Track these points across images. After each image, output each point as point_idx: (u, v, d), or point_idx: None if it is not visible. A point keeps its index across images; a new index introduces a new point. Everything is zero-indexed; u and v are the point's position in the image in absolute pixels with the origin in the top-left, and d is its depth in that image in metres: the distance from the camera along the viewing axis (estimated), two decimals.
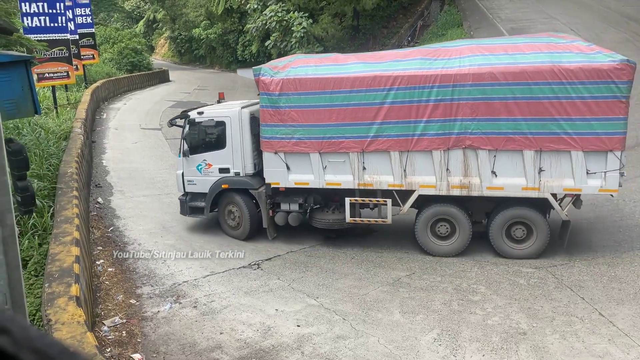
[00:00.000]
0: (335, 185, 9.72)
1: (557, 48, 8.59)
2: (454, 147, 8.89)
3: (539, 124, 8.48)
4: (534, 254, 9.05)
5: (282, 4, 35.73)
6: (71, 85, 23.22)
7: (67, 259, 6.39)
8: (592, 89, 8.19)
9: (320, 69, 9.64)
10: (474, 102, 8.67)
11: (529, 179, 8.67)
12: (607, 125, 8.25)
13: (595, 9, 31.77)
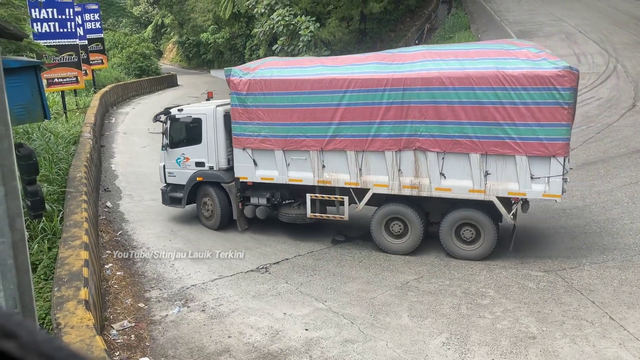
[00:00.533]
0: (297, 181, 10.18)
1: (505, 54, 8.77)
2: (405, 148, 9.19)
3: (484, 128, 8.66)
4: (481, 255, 9.19)
5: (289, 8, 35.84)
6: (80, 90, 23.39)
7: (76, 263, 6.42)
8: (534, 95, 8.29)
9: (284, 71, 10.15)
10: (422, 105, 8.95)
11: (475, 181, 8.85)
12: (549, 131, 8.34)
13: (604, 11, 31.58)
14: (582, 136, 15.80)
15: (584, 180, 12.75)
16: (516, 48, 8.98)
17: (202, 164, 11.12)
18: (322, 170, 9.90)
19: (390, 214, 9.70)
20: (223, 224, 11.08)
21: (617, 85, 20.05)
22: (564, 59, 9.05)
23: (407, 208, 9.54)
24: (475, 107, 8.63)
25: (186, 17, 57.85)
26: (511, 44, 9.59)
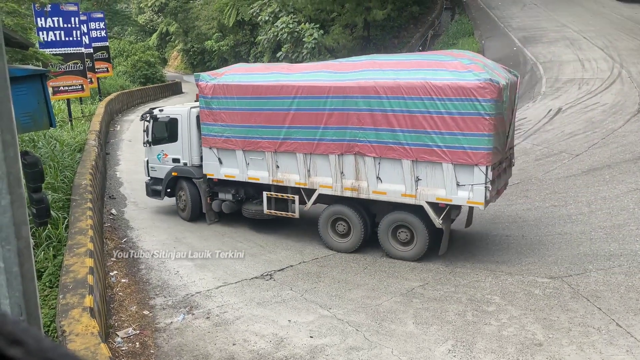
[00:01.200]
0: (255, 179, 10.93)
1: (437, 65, 9.11)
2: (347, 152, 9.73)
3: (414, 136, 9.05)
4: (414, 257, 9.60)
5: (293, 16, 36.01)
6: (85, 98, 23.54)
7: (81, 270, 6.43)
8: (458, 105, 8.58)
9: (244, 77, 10.92)
10: (360, 112, 9.45)
11: (407, 186, 9.28)
12: (472, 141, 8.59)
13: (608, 17, 31.55)
14: (587, 142, 15.76)
15: (589, 186, 12.70)
16: (450, 59, 9.24)
17: (177, 160, 12.15)
18: (276, 170, 10.57)
19: (335, 214, 10.26)
20: (194, 216, 12.01)
21: (622, 90, 20.00)
22: (568, 64, 9.08)
23: (350, 209, 10.05)
24: (406, 115, 9.05)
25: (191, 25, 58.19)
26: (449, 54, 9.91)
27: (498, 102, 8.48)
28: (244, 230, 11.39)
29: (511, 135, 9.95)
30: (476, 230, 10.82)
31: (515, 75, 10.24)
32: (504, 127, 9.03)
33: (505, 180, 10.18)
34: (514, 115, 9.91)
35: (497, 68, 9.57)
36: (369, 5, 32.04)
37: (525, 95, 22.02)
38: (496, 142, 8.71)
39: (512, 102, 9.70)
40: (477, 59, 9.41)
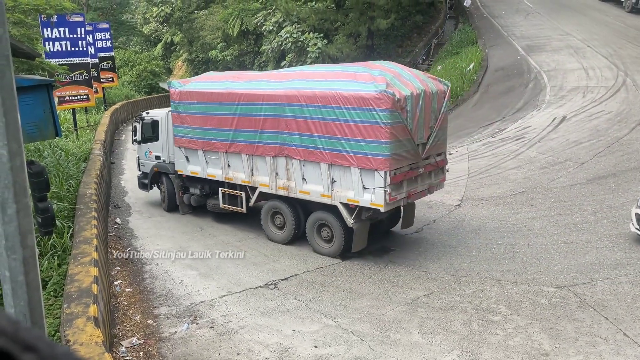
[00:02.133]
0: (212, 177, 12.10)
1: (350, 76, 9.85)
2: (279, 155, 10.63)
3: (329, 142, 9.82)
4: (334, 254, 10.33)
5: (297, 25, 36.20)
6: (91, 108, 23.68)
7: (85, 280, 6.43)
8: (360, 114, 9.28)
9: (204, 84, 12.17)
10: (287, 119, 10.33)
11: (325, 187, 10.07)
12: (373, 147, 9.24)
13: (612, 25, 31.56)
14: (592, 150, 15.71)
15: (595, 194, 12.65)
16: (363, 70, 9.94)
17: (159, 157, 13.63)
18: (227, 169, 11.72)
19: (273, 208, 11.28)
20: (171, 207, 13.52)
21: (626, 98, 19.96)
22: (572, 72, 9.11)
23: (285, 205, 11.01)
24: (321, 122, 9.84)
25: (195, 35, 58.57)
26: (367, 66, 10.46)
27: (394, 112, 9.03)
28: (248, 239, 11.39)
29: (436, 141, 10.30)
30: (481, 239, 10.77)
31: (446, 85, 10.81)
32: (407, 135, 9.42)
33: (431, 183, 10.63)
34: (439, 122, 10.28)
35: (414, 79, 9.98)
36: (372, 14, 32.18)
37: (530, 103, 22.01)
38: (397, 149, 9.28)
39: (437, 110, 10.24)
40: (389, 70, 9.92)
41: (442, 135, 10.61)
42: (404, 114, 9.27)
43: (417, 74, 10.72)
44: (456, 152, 18.82)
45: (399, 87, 9.33)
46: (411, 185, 9.98)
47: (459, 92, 26.48)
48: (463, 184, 14.65)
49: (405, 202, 10.03)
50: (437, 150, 10.59)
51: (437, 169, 10.70)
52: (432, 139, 10.12)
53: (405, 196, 9.84)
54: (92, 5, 43.37)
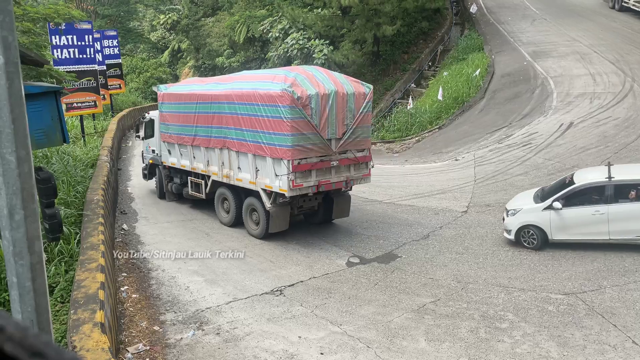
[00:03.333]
0: (183, 167, 13.86)
1: (268, 78, 11.22)
2: (223, 147, 12.09)
3: (252, 134, 11.11)
4: (259, 235, 11.63)
5: (303, 32, 36.32)
6: (98, 114, 23.81)
7: (92, 286, 6.44)
8: (270, 109, 10.59)
9: (179, 87, 14.41)
10: (226, 115, 11.81)
11: (251, 175, 11.37)
12: (279, 139, 10.47)
13: (619, 31, 31.45)
14: (600, 156, 15.62)
15: None
16: (282, 72, 11.23)
17: (154, 151, 15.40)
18: (193, 160, 13.36)
19: (221, 195, 12.69)
20: (161, 195, 15.39)
21: (634, 104, 19.86)
22: (579, 78, 9.07)
23: (228, 191, 12.44)
24: (247, 117, 11.20)
25: (202, 42, 58.89)
26: (288, 69, 12.09)
27: (294, 108, 10.24)
28: (254, 245, 11.38)
29: (354, 138, 11.23)
30: (488, 246, 10.72)
31: (367, 88, 11.65)
32: (312, 129, 10.46)
33: (350, 177, 11.44)
34: (357, 120, 11.21)
35: (328, 81, 10.99)
36: (378, 21, 32.23)
37: (536, 109, 21.94)
38: (300, 141, 10.41)
39: (355, 110, 11.21)
40: (304, 73, 11.09)
41: (363, 133, 11.50)
42: (307, 110, 10.39)
43: (336, 77, 11.63)
44: (462, 158, 18.78)
45: (305, 87, 10.47)
46: (323, 175, 10.96)
47: (465, 98, 26.45)
48: (470, 190, 14.60)
49: (314, 190, 10.89)
50: (358, 147, 11.47)
51: (357, 163, 11.50)
52: (347, 135, 11.07)
53: (315, 184, 10.81)
54: (100, 12, 43.71)
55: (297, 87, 10.32)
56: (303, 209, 11.92)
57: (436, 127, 25.43)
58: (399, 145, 25.37)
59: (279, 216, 11.21)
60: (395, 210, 13.63)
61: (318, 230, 12.12)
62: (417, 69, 34.88)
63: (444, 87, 27.44)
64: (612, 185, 9.83)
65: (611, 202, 9.75)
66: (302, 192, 10.80)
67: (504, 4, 40.29)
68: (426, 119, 26.27)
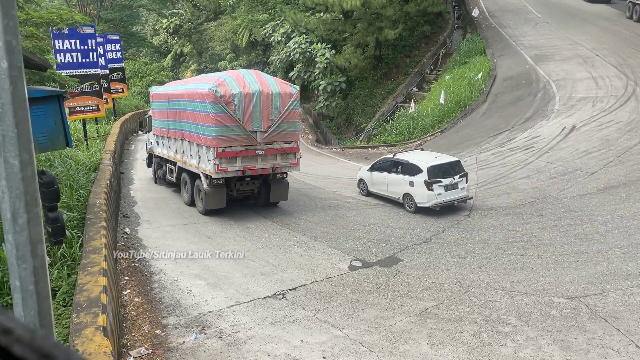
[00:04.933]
0: (163, 155, 16.31)
1: (209, 80, 13.40)
2: (182, 138, 14.46)
3: (194, 126, 13.43)
4: (202, 211, 13.95)
5: (305, 36, 36.39)
6: (101, 118, 23.86)
7: (94, 289, 6.45)
8: (201, 106, 12.93)
9: (162, 88, 17.03)
10: (182, 110, 14.20)
11: (196, 161, 13.72)
12: (208, 130, 12.78)
13: (621, 34, 31.44)
14: (603, 159, 15.60)
15: (605, 204, 12.54)
16: (219, 75, 14.24)
17: (151, 142, 17.69)
18: (169, 150, 15.72)
19: (184, 178, 15.02)
20: (155, 180, 17.83)
21: (636, 108, 19.84)
22: (581, 82, 9.04)
23: (187, 175, 14.73)
24: (191, 112, 13.57)
25: (204, 46, 59.06)
26: (227, 72, 15.30)
27: (217, 104, 12.43)
28: (256, 249, 11.39)
29: (280, 131, 13.28)
30: (490, 250, 10.70)
31: (295, 88, 13.67)
32: (234, 122, 12.64)
33: (277, 164, 13.49)
34: (282, 116, 13.20)
35: (255, 83, 13.02)
36: (380, 25, 32.28)
37: (539, 113, 21.93)
38: (224, 132, 12.60)
39: (280, 107, 13.18)
40: (235, 75, 13.53)
41: (289, 127, 13.51)
42: (231, 107, 12.54)
43: (265, 79, 13.59)
44: (465, 161, 18.76)
45: (230, 87, 12.65)
46: (249, 162, 13.13)
47: (467, 102, 26.46)
48: (472, 194, 14.59)
49: (239, 174, 13.12)
50: (284, 139, 13.45)
51: (284, 153, 13.54)
52: (273, 128, 13.12)
53: (240, 169, 13.01)
54: (103, 17, 43.87)
55: (222, 87, 12.58)
56: (241, 191, 14.00)
57: (438, 130, 25.43)
58: (401, 148, 25.37)
59: (214, 195, 13.46)
60: (397, 213, 13.61)
61: (320, 234, 12.12)
62: (419, 72, 34.90)
63: (446, 90, 27.44)
64: (391, 161, 14.96)
65: (389, 172, 14.70)
66: (228, 176, 13.04)
67: (505, 7, 40.31)
68: (428, 122, 26.28)
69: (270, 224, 13.07)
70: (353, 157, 25.65)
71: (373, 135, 30.71)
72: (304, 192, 16.41)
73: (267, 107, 12.92)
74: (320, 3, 32.85)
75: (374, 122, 32.21)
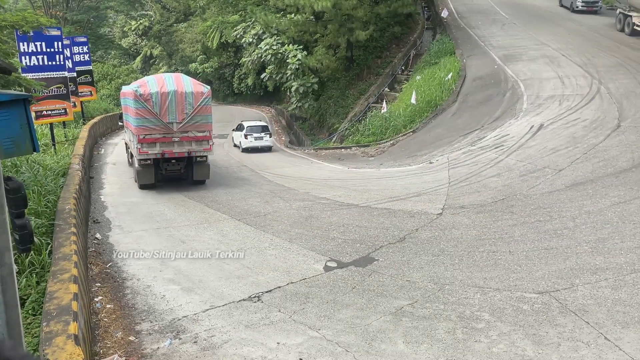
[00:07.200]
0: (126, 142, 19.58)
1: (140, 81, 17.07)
2: (128, 127, 17.88)
3: (127, 117, 17.31)
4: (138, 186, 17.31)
5: (277, 38, 36.31)
6: (69, 122, 23.37)
7: (65, 297, 6.31)
8: (129, 102, 16.88)
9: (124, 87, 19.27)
10: (123, 105, 18.41)
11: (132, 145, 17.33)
12: (133, 121, 16.42)
13: (586, 35, 32.32)
14: (570, 157, 16.00)
15: (573, 200, 12.86)
16: (145, 78, 17.59)
17: None
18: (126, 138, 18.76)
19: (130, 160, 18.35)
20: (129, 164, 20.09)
21: (601, 106, 20.41)
22: (548, 81, 9.24)
23: (131, 158, 18.00)
24: (125, 107, 17.61)
25: (175, 48, 58.35)
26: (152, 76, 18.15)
27: (137, 101, 15.85)
28: (231, 252, 11.30)
29: (193, 123, 16.51)
30: (463, 247, 10.86)
31: (206, 88, 16.95)
32: (152, 115, 15.93)
33: (191, 149, 16.75)
34: (195, 110, 16.37)
35: (171, 83, 16.28)
36: (351, 26, 32.44)
37: (508, 112, 22.36)
38: (143, 123, 15.94)
39: (193, 103, 16.34)
40: (157, 77, 17.14)
41: (202, 119, 16.65)
42: (149, 103, 15.82)
43: (182, 80, 16.75)
44: (437, 161, 19.00)
45: (150, 87, 16.03)
46: (167, 147, 16.45)
47: (438, 102, 26.80)
48: (444, 193, 14.78)
49: (161, 155, 16.49)
50: (198, 129, 16.64)
51: (198, 140, 16.75)
52: (187, 120, 16.31)
53: (160, 152, 16.41)
54: (70, 19, 42.95)
55: (142, 87, 16.10)
56: (169, 171, 17.21)
57: (410, 130, 25.68)
58: (374, 149, 25.54)
59: (143, 174, 16.79)
60: (371, 213, 13.70)
61: (295, 236, 12.11)
62: (390, 73, 35.20)
63: (417, 91, 27.75)
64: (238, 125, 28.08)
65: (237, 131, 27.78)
66: (149, 157, 16.38)
67: (474, 8, 41.02)
68: (400, 122, 26.52)
69: (244, 226, 13.00)
70: (326, 158, 25.70)
71: (346, 136, 30.84)
72: (278, 194, 16.38)
73: (181, 103, 16.18)
74: (291, 4, 32.84)
75: (346, 123, 32.34)
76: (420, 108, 26.63)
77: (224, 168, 22.28)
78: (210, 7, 52.53)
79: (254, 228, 12.83)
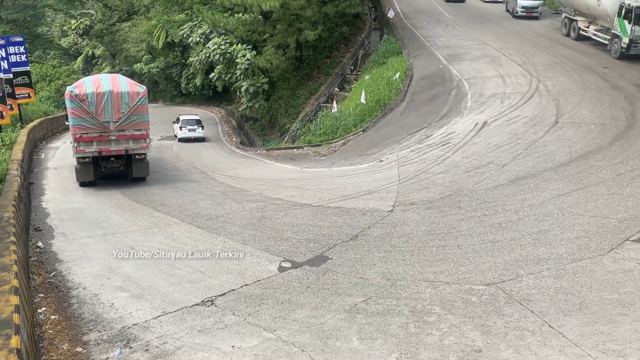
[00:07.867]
0: None
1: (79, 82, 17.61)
2: None
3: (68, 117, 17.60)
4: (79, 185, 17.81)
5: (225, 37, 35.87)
6: (6, 126, 22.29)
7: (5, 309, 6.02)
8: (67, 102, 16.99)
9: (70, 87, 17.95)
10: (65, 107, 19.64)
11: None
12: (70, 120, 17.02)
13: (524, 35, 33.65)
14: (512, 152, 16.61)
15: (516, 194, 13.36)
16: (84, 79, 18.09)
17: None
18: None
19: None
20: None
21: (540, 103, 21.31)
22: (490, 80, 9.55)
23: None
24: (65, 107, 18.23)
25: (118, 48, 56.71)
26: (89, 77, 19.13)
27: (73, 101, 16.39)
28: (182, 256, 11.07)
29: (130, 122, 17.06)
30: (414, 243, 11.08)
31: (142, 88, 17.44)
32: (88, 115, 16.48)
33: (128, 147, 17.29)
34: (131, 110, 16.88)
35: (108, 84, 16.83)
36: (300, 26, 32.46)
37: (453, 110, 22.98)
38: (80, 122, 16.53)
39: (130, 102, 16.84)
40: (94, 78, 18.09)
41: (138, 118, 17.16)
42: (85, 103, 16.33)
43: (119, 81, 17.29)
44: (386, 159, 19.30)
45: (86, 88, 16.55)
46: (104, 145, 16.95)
47: (386, 101, 27.21)
48: (394, 190, 15.03)
49: (96, 154, 17.01)
50: (135, 127, 17.15)
51: (135, 139, 17.27)
52: (123, 119, 16.78)
53: (97, 151, 16.93)
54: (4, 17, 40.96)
55: (78, 88, 16.57)
56: (108, 168, 17.58)
57: (360, 129, 25.96)
58: (325, 148, 25.66)
59: (82, 171, 17.20)
60: (324, 212, 13.76)
61: (248, 237, 12.01)
62: (339, 73, 35.47)
63: (366, 90, 28.09)
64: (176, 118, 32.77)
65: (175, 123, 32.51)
66: (86, 155, 16.86)
67: (419, 9, 41.95)
68: (351, 122, 26.76)
69: (195, 229, 12.77)
70: (278, 158, 25.63)
71: (298, 135, 30.85)
72: (230, 196, 16.19)
73: (117, 103, 16.65)
74: (238, 4, 32.52)
75: (298, 123, 32.36)
76: (369, 107, 26.97)
77: (173, 170, 21.83)
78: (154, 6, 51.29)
79: (205, 231, 12.62)
